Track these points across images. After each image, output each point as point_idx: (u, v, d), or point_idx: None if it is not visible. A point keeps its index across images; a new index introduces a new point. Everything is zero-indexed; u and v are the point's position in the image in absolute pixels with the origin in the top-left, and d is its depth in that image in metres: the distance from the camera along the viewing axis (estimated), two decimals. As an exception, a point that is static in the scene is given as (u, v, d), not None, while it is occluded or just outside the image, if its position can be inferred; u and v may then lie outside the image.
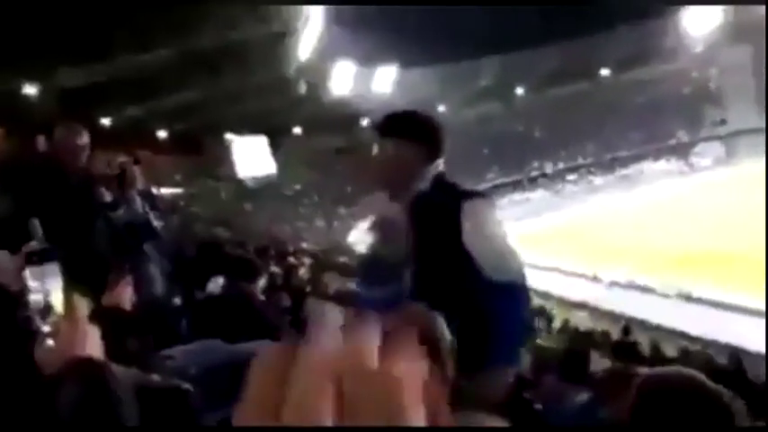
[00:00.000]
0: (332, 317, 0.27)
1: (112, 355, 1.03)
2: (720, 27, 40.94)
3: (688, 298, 15.75)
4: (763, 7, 39.08)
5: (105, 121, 25.76)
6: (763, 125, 39.93)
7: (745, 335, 12.09)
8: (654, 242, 21.17)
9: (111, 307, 1.62)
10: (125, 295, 1.74)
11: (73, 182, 2.84)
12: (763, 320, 12.95)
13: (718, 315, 14.05)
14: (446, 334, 1.20)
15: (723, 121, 41.48)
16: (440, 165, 1.84)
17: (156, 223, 3.63)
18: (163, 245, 3.58)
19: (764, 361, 10.40)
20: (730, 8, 40.05)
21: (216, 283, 2.95)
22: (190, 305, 2.91)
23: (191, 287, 3.27)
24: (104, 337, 1.05)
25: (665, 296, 16.26)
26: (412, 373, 0.25)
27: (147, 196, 3.68)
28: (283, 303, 3.60)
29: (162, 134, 30.92)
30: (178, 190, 29.46)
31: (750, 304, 13.99)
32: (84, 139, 2.84)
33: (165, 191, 27.05)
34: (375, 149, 1.85)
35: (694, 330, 13.16)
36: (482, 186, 38.26)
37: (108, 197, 3.08)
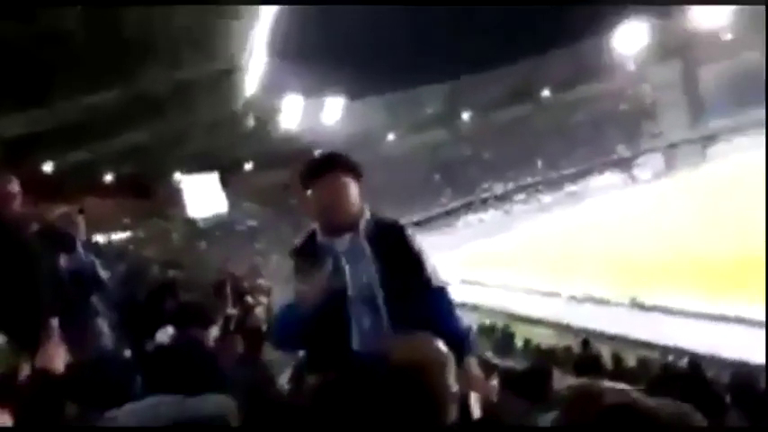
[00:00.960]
0: None
1: (48, 423, 0.96)
2: (650, 46, 43.12)
3: (642, 306, 16.15)
4: (687, 25, 41.56)
5: (48, 168, 24.92)
6: (695, 136, 42.10)
7: (699, 339, 12.47)
8: (605, 254, 21.73)
9: (41, 370, 1.51)
10: (56, 356, 1.63)
11: (6, 231, 2.71)
12: (717, 324, 13.46)
13: (672, 321, 14.45)
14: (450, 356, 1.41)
15: (659, 134, 43.43)
16: None
17: (103, 272, 3.50)
18: (110, 294, 3.45)
19: (719, 362, 10.76)
20: (658, 26, 42.28)
21: (165, 333, 2.84)
22: (139, 358, 2.79)
23: (140, 338, 3.15)
24: (37, 403, 0.98)
25: (620, 306, 16.64)
26: None
27: (92, 245, 3.55)
28: (237, 349, 3.48)
29: (108, 178, 30.14)
30: (127, 234, 28.66)
31: (702, 308, 14.45)
32: (14, 186, 2.71)
33: (113, 236, 26.27)
34: (321, 185, 1.89)
35: (651, 338, 13.48)
36: (436, 210, 38.93)
37: (50, 247, 2.95)
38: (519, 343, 14.31)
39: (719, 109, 40.97)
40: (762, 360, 9.21)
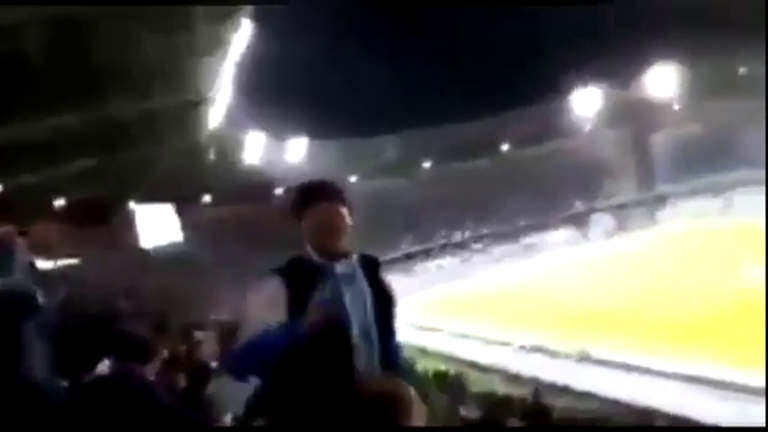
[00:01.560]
0: None
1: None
2: (604, 109, 45.26)
3: (589, 359, 16.35)
4: (641, 92, 43.87)
5: (-2, 188, 23.99)
6: (645, 198, 43.90)
7: (644, 393, 12.67)
8: (556, 307, 22.09)
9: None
10: None
11: None
12: (661, 379, 13.73)
13: (618, 375, 14.67)
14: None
15: (612, 195, 45.10)
16: None
17: (41, 299, 3.34)
18: (47, 322, 3.28)
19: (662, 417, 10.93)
20: (612, 92, 44.51)
21: (105, 366, 2.71)
22: (74, 390, 2.64)
23: (78, 369, 2.99)
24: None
25: (568, 358, 16.82)
26: None
27: (33, 269, 3.40)
28: (179, 385, 3.35)
29: (62, 202, 29.23)
30: (77, 260, 27.65)
31: (644, 363, 14.74)
32: None
33: (61, 262, 25.26)
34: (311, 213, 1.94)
35: (598, 390, 13.62)
36: (395, 254, 39.06)
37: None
38: (472, 390, 14.24)
39: (669, 174, 42.97)
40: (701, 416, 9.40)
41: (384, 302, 1.96)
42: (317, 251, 1.93)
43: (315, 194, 1.97)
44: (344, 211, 1.96)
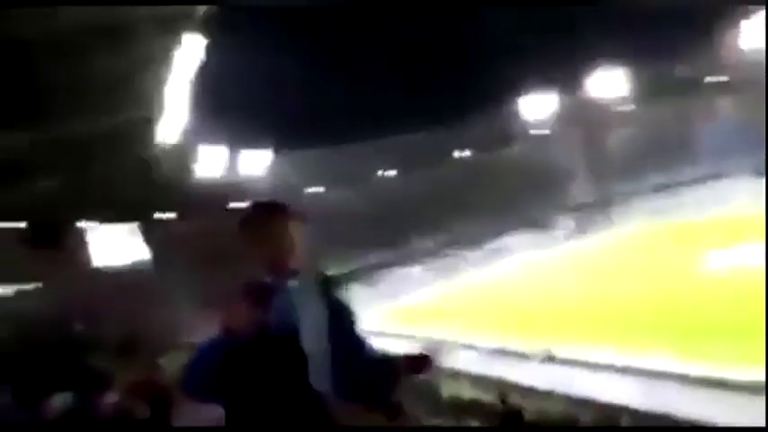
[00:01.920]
0: None
1: None
2: (556, 112, 46.49)
3: (554, 360, 16.61)
4: (592, 95, 45.21)
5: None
6: (602, 199, 45.04)
7: (610, 391, 12.93)
8: (520, 309, 22.39)
9: None
10: None
11: None
12: (626, 376, 14.05)
13: (583, 374, 14.95)
14: None
15: (569, 197, 46.11)
16: None
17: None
18: (6, 353, 3.15)
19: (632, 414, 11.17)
20: (565, 96, 45.79)
21: (62, 399, 2.60)
22: (34, 422, 2.53)
23: (35, 403, 2.87)
24: None
25: (534, 358, 17.06)
26: None
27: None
28: (140, 415, 3.24)
29: (13, 225, 28.17)
30: (34, 285, 26.65)
31: (608, 361, 15.06)
32: None
33: (16, 288, 24.33)
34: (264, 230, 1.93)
35: (565, 390, 13.83)
36: (361, 264, 39.00)
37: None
38: (444, 396, 14.31)
39: (623, 174, 44.19)
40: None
41: (340, 319, 1.96)
42: (268, 270, 1.91)
43: (262, 214, 1.98)
44: (294, 228, 1.96)
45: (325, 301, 1.95)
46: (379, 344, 2.10)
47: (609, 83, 44.80)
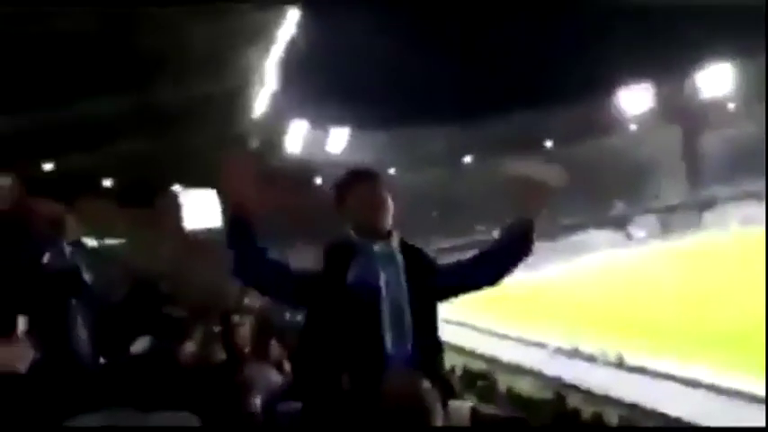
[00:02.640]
0: None
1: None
2: (654, 109, 43.94)
3: (625, 366, 16.02)
4: (689, 89, 42.47)
5: (48, 167, 24.95)
6: (692, 202, 42.50)
7: (678, 403, 12.36)
8: (594, 309, 21.67)
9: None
10: (18, 354, 1.55)
11: None
12: (692, 389, 13.38)
13: (653, 383, 14.35)
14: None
15: (657, 196, 43.82)
16: None
17: (87, 276, 3.46)
18: (92, 299, 3.40)
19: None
20: (661, 91, 43.19)
21: (142, 344, 2.80)
22: (111, 367, 2.73)
23: (116, 346, 3.10)
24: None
25: (605, 363, 16.51)
26: None
27: (80, 247, 3.52)
28: (218, 358, 3.43)
29: (107, 183, 30.15)
30: (120, 241, 28.47)
31: (684, 374, 14.35)
32: (6, 181, 2.71)
33: (107, 241, 26.06)
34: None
35: (634, 399, 13.34)
36: (431, 248, 38.94)
37: (36, 243, 2.92)
38: (502, 390, 14.15)
39: (718, 177, 41.46)
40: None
41: (423, 291, 1.96)
42: (358, 230, 1.96)
43: (361, 176, 2.03)
44: (388, 194, 2.01)
45: (410, 269, 1.96)
46: (442, 329, 2.11)
47: (713, 79, 41.89)
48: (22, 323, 1.84)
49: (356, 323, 1.84)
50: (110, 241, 26.43)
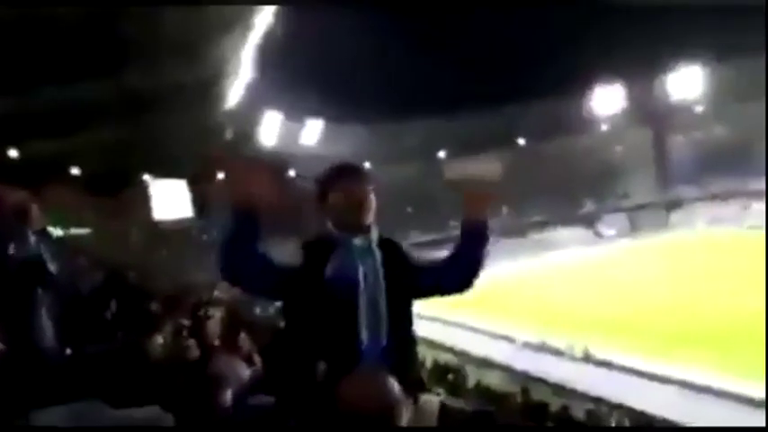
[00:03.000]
0: None
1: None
2: (625, 109, 44.70)
3: (592, 361, 16.33)
4: (660, 90, 43.30)
5: (13, 154, 24.30)
6: (660, 201, 43.43)
7: (643, 397, 12.66)
8: (562, 305, 22.02)
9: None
10: None
11: None
12: (658, 384, 13.72)
13: (618, 378, 14.66)
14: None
15: (626, 195, 44.65)
16: None
17: (52, 266, 3.38)
18: (57, 290, 3.32)
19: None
20: (632, 89, 43.99)
21: (110, 338, 2.75)
22: (79, 359, 2.69)
23: (83, 338, 3.04)
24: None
25: (572, 358, 16.80)
26: None
27: (45, 237, 3.43)
28: (191, 356, 3.40)
29: (75, 171, 29.48)
30: (88, 231, 27.90)
31: (649, 369, 14.69)
32: None
33: (73, 231, 25.51)
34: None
35: (597, 392, 13.62)
36: (404, 243, 39.03)
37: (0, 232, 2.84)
38: (471, 383, 14.29)
39: (686, 178, 42.44)
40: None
41: (400, 287, 1.97)
42: (338, 225, 1.96)
43: (345, 171, 2.03)
44: (372, 191, 2.01)
45: (389, 264, 1.97)
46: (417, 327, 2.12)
47: (684, 80, 42.74)
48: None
49: (333, 317, 1.85)
50: (76, 231, 25.88)
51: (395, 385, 1.55)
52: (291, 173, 36.67)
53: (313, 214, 2.05)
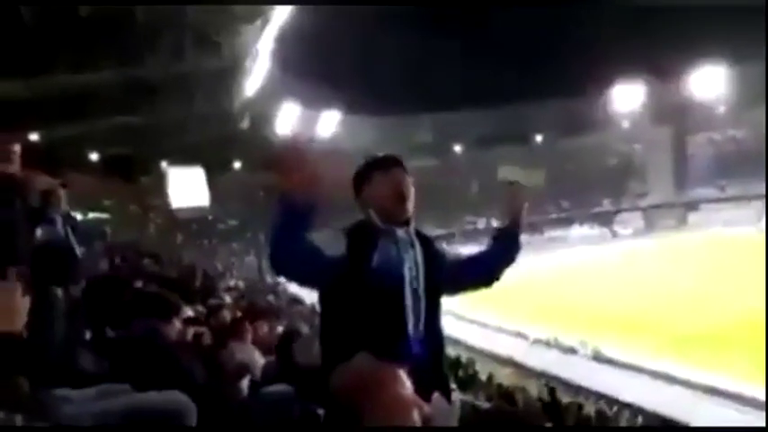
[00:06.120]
0: None
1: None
2: (644, 107, 44.14)
3: (604, 360, 16.25)
4: (681, 90, 42.67)
5: (35, 137, 24.60)
6: (678, 201, 42.91)
7: (653, 396, 12.60)
8: (575, 303, 21.90)
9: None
10: (16, 313, 1.46)
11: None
12: (674, 386, 13.62)
13: (628, 376, 14.59)
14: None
15: (644, 194, 44.19)
16: None
17: (77, 249, 3.44)
18: (80, 272, 3.38)
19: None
20: (654, 90, 43.38)
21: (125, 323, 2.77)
22: (99, 342, 2.73)
23: (103, 322, 3.08)
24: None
25: (584, 356, 16.74)
26: None
27: (70, 220, 3.50)
28: (205, 343, 3.44)
29: (95, 156, 29.80)
30: (106, 215, 28.21)
31: (657, 368, 14.60)
32: (15, 148, 2.67)
33: (91, 215, 25.82)
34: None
35: (609, 391, 13.57)
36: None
37: (30, 217, 2.89)
38: (483, 378, 14.30)
39: (703, 179, 41.90)
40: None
41: (434, 281, 1.98)
42: (383, 215, 1.95)
43: (388, 161, 2.03)
44: (409, 181, 2.02)
45: (425, 257, 1.98)
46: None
47: (706, 82, 42.08)
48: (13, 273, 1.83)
49: (379, 307, 1.84)
50: (93, 215, 26.18)
51: (404, 381, 1.53)
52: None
53: (349, 203, 2.04)
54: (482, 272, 2.19)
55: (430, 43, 43.38)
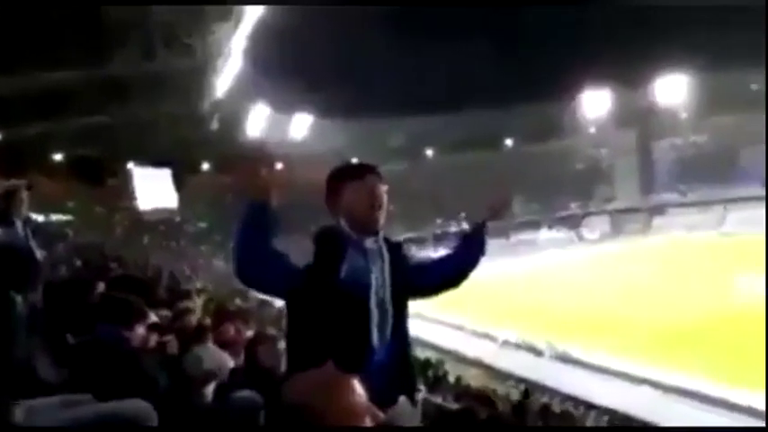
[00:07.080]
0: None
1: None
2: (610, 111, 45.12)
3: (570, 360, 16.51)
4: (646, 96, 43.73)
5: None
6: (644, 206, 43.92)
7: (618, 397, 12.84)
8: (543, 305, 22.21)
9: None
10: None
11: None
12: (639, 386, 13.91)
13: (594, 377, 14.85)
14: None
15: (611, 199, 45.10)
16: None
17: (38, 253, 3.35)
18: (40, 277, 3.29)
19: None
20: (620, 94, 44.38)
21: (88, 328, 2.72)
22: (60, 349, 2.67)
23: (64, 328, 3.01)
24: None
25: (551, 357, 16.98)
26: None
27: (31, 223, 3.41)
28: (171, 351, 3.40)
29: (60, 157, 29.08)
30: (69, 218, 27.54)
31: (621, 368, 14.89)
32: None
33: (54, 218, 25.17)
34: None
35: (575, 392, 13.77)
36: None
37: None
38: (451, 380, 14.37)
39: (668, 183, 42.97)
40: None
41: (402, 287, 1.99)
42: (353, 224, 1.93)
43: (362, 169, 1.99)
44: (385, 192, 1.98)
45: (393, 265, 1.97)
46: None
47: (671, 88, 43.14)
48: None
49: (345, 317, 1.84)
50: (57, 218, 25.56)
51: (357, 389, 1.49)
52: (278, 165, 36.52)
53: (319, 209, 2.03)
54: (448, 274, 2.21)
55: (403, 47, 43.55)
